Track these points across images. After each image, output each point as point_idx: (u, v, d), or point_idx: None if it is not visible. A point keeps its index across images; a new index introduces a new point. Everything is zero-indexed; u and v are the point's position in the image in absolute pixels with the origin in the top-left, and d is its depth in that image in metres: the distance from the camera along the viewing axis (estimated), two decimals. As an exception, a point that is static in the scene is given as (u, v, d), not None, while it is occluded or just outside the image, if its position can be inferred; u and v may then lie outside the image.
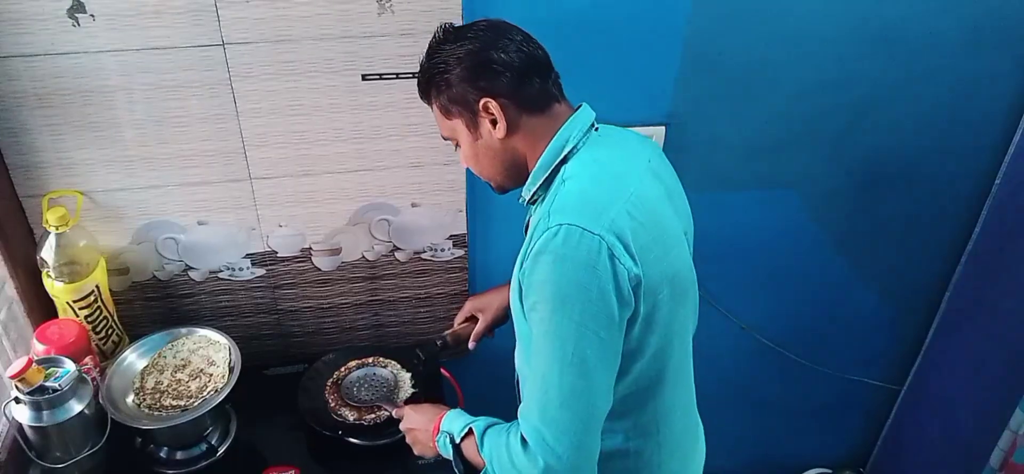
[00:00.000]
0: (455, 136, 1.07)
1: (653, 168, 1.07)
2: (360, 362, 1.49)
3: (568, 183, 1.00)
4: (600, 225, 0.92)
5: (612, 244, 0.92)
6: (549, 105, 1.04)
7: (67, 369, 1.22)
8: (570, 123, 1.04)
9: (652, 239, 0.97)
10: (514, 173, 1.07)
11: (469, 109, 1.02)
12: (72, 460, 1.24)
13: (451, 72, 1.02)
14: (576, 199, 0.97)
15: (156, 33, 1.21)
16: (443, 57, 1.02)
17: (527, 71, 1.02)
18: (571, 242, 0.92)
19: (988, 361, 1.69)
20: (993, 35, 1.46)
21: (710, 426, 2.06)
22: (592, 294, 0.92)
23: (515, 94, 1.01)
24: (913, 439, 1.98)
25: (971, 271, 1.74)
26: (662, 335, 1.02)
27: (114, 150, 1.30)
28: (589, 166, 1.01)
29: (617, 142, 1.08)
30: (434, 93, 1.05)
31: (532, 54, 1.03)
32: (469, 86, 1.01)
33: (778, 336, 1.86)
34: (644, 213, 0.97)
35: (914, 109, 1.54)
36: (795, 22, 1.40)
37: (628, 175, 1.01)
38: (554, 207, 0.97)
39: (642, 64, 1.41)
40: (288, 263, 1.49)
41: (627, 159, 1.05)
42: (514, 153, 1.05)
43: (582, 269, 0.92)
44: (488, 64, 1.00)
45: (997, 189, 1.64)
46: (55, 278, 1.31)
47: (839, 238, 1.73)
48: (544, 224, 0.95)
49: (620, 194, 0.97)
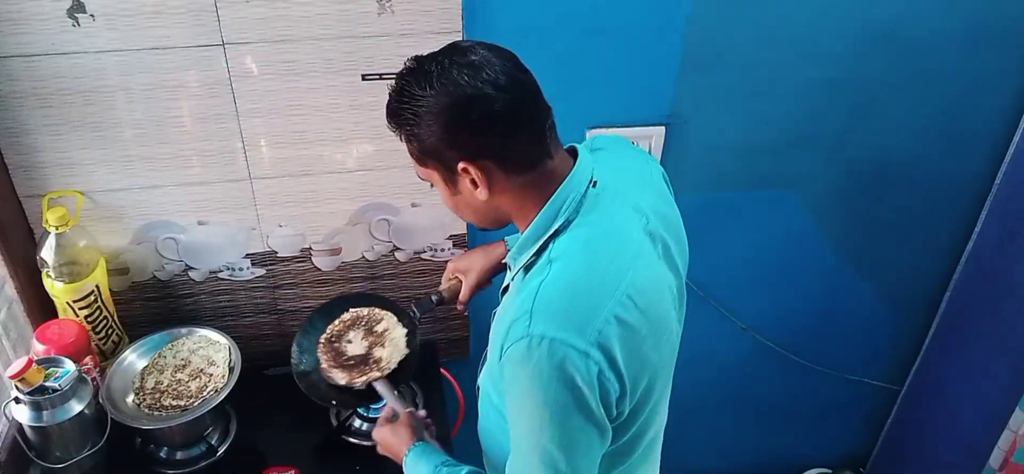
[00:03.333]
0: (431, 181, 0.97)
1: (653, 227, 0.97)
2: (355, 316, 1.41)
3: (554, 268, 0.90)
4: (587, 339, 0.84)
5: (600, 362, 0.85)
6: (540, 161, 0.92)
7: (67, 369, 1.22)
8: (564, 189, 0.93)
9: (643, 338, 0.90)
10: (498, 224, 0.99)
11: (446, 166, 0.92)
12: (72, 460, 1.24)
13: (423, 126, 0.89)
14: (562, 299, 0.87)
15: (156, 33, 1.21)
16: (414, 108, 0.89)
17: (514, 129, 0.90)
18: (556, 360, 0.84)
19: (988, 361, 1.69)
20: (993, 35, 1.46)
21: (710, 426, 2.07)
22: (577, 415, 0.86)
23: (499, 156, 0.90)
24: (913, 439, 1.98)
25: (971, 271, 1.74)
26: (643, 421, 0.98)
27: (114, 150, 1.30)
28: (580, 250, 0.91)
29: (616, 199, 0.97)
30: (405, 138, 0.94)
31: (520, 102, 0.89)
32: (444, 146, 0.89)
33: (778, 336, 1.86)
34: (636, 312, 0.88)
35: (914, 109, 1.54)
36: (795, 22, 1.40)
37: (623, 261, 0.91)
38: (538, 304, 0.87)
39: (642, 64, 1.41)
40: (288, 263, 1.49)
41: (625, 231, 0.95)
42: (497, 211, 0.96)
43: (567, 390, 0.85)
44: (466, 123, 0.87)
45: (997, 189, 1.64)
46: (55, 278, 1.31)
47: (839, 238, 1.73)
48: (525, 324, 0.86)
49: (611, 293, 0.87)
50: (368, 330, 1.38)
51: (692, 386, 1.94)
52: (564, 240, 0.93)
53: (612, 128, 1.46)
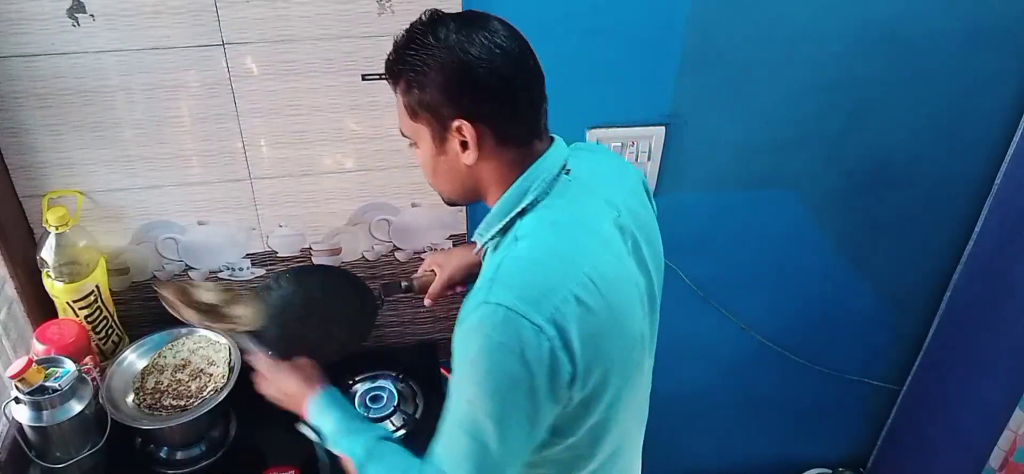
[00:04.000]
0: (416, 139, 0.96)
1: (623, 222, 0.97)
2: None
3: (520, 245, 0.90)
4: (542, 313, 0.83)
5: (552, 338, 0.83)
6: (528, 141, 0.93)
7: (67, 369, 1.22)
8: (535, 169, 0.93)
9: (602, 324, 0.88)
10: (470, 196, 0.98)
11: (440, 122, 0.91)
12: (72, 460, 1.24)
13: (428, 75, 0.89)
14: (523, 273, 0.87)
15: (156, 33, 1.21)
16: (422, 54, 0.89)
17: (516, 100, 0.90)
18: (509, 329, 0.83)
19: (988, 361, 1.69)
20: (993, 35, 1.46)
21: (710, 426, 2.07)
22: (521, 390, 0.84)
23: (494, 122, 0.90)
24: (913, 439, 1.98)
25: (971, 271, 1.74)
26: (602, 414, 0.95)
27: (114, 150, 1.30)
28: (546, 230, 0.91)
29: (588, 190, 0.97)
30: (404, 87, 0.93)
31: (525, 79, 0.91)
32: (445, 99, 0.89)
33: (778, 336, 1.86)
34: (596, 295, 0.87)
35: (914, 109, 1.54)
36: (795, 22, 1.40)
37: (588, 245, 0.91)
38: (499, 275, 0.87)
39: (642, 64, 1.41)
40: (288, 263, 1.49)
41: (593, 219, 0.94)
42: (476, 180, 0.95)
43: (516, 361, 0.83)
44: (472, 81, 0.88)
45: (997, 189, 1.64)
46: (55, 278, 1.31)
47: (839, 238, 1.73)
48: (483, 294, 0.85)
49: (572, 273, 0.87)
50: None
51: (692, 386, 1.95)
52: (530, 219, 0.93)
53: (612, 128, 1.47)
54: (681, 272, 1.69)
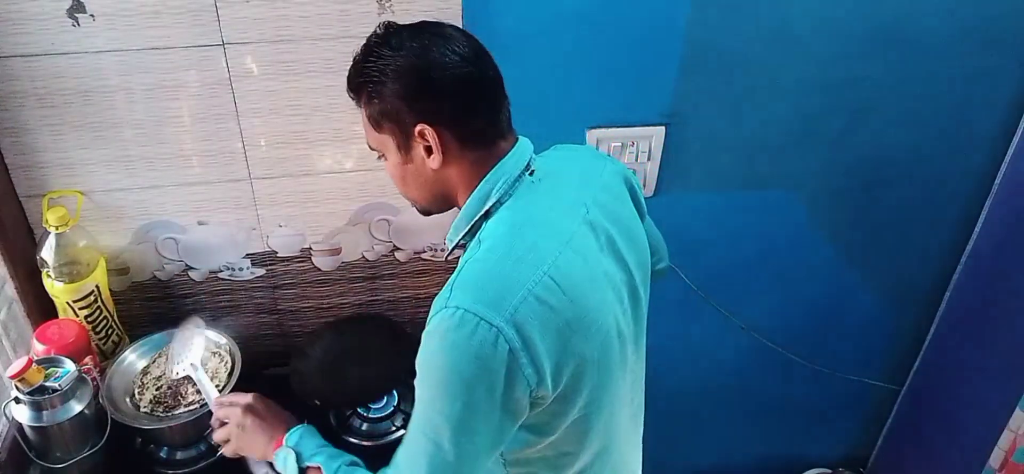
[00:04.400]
0: (383, 150, 0.97)
1: (593, 218, 0.96)
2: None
3: (482, 247, 0.90)
4: (501, 314, 0.83)
5: (512, 340, 0.83)
6: (492, 141, 0.94)
7: (67, 369, 1.22)
8: (497, 170, 0.93)
9: (567, 322, 0.87)
10: (441, 202, 0.99)
11: (402, 129, 0.92)
12: (72, 460, 1.24)
13: (386, 85, 0.90)
14: (482, 275, 0.87)
15: (156, 33, 1.21)
16: (379, 65, 0.91)
17: (474, 100, 0.91)
18: (465, 330, 0.82)
19: (988, 361, 1.69)
20: (993, 35, 1.46)
21: (710, 426, 2.07)
22: (478, 392, 0.84)
23: (455, 123, 0.91)
24: (913, 439, 1.98)
25: (971, 271, 1.74)
26: (582, 410, 0.94)
27: (114, 150, 1.30)
28: (507, 232, 0.91)
29: (552, 189, 0.96)
30: (365, 99, 0.94)
31: (483, 77, 0.92)
32: (405, 105, 0.90)
33: (778, 336, 1.86)
34: (558, 294, 0.87)
35: (914, 109, 1.54)
36: (795, 22, 1.40)
37: (549, 246, 0.89)
38: (459, 279, 0.87)
39: (642, 64, 1.41)
40: (288, 263, 1.49)
41: (556, 219, 0.94)
42: (445, 185, 0.96)
43: (471, 362, 0.83)
44: (430, 84, 0.89)
45: (997, 189, 1.64)
46: (55, 278, 1.31)
47: (839, 238, 1.72)
48: (444, 298, 0.86)
49: (531, 273, 0.86)
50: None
51: (692, 386, 1.95)
52: (493, 223, 0.93)
53: (612, 128, 1.47)
54: (681, 272, 1.69)
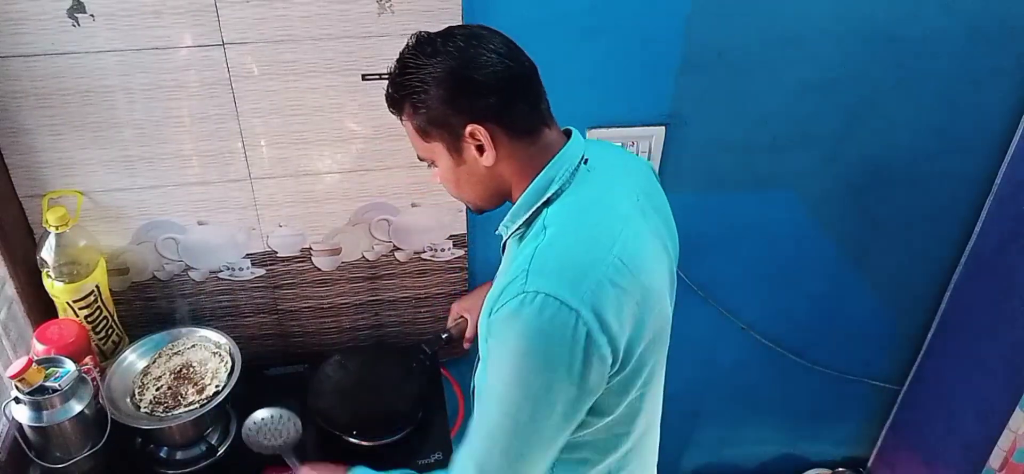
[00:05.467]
0: (433, 157, 0.99)
1: (642, 205, 1.00)
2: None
3: (549, 233, 0.92)
4: (580, 297, 0.85)
5: (590, 323, 0.85)
6: (539, 130, 0.96)
7: (67, 369, 1.22)
8: (558, 159, 0.96)
9: (636, 303, 0.90)
10: (497, 198, 1.01)
11: (452, 133, 0.94)
12: (72, 460, 1.24)
13: (429, 92, 0.92)
14: (557, 260, 0.89)
15: (156, 33, 1.21)
16: (420, 75, 0.92)
17: (515, 92, 0.93)
18: (546, 314, 0.85)
19: (988, 361, 1.69)
20: (993, 35, 1.46)
21: (710, 426, 2.07)
22: (560, 372, 0.86)
23: (503, 118, 0.93)
24: (913, 439, 1.98)
25: (971, 271, 1.74)
26: (639, 390, 0.97)
27: (114, 150, 1.30)
28: (573, 216, 0.93)
29: (606, 177, 1.00)
30: (410, 112, 0.96)
31: (520, 71, 0.94)
32: (452, 109, 0.92)
33: (778, 336, 1.86)
34: (628, 276, 0.89)
35: (914, 109, 1.54)
36: (795, 22, 1.40)
37: (614, 227, 0.93)
38: (534, 264, 0.89)
39: (642, 64, 1.41)
40: (288, 263, 1.49)
41: (615, 203, 0.97)
42: (499, 180, 0.97)
43: (555, 345, 0.86)
44: (472, 84, 0.91)
45: (997, 189, 1.64)
46: (55, 278, 1.31)
47: (839, 238, 1.73)
48: (520, 283, 0.87)
49: (604, 256, 0.89)
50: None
51: (692, 386, 1.95)
52: (557, 208, 0.95)
53: (612, 128, 1.47)
54: (681, 272, 1.68)
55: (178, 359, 1.37)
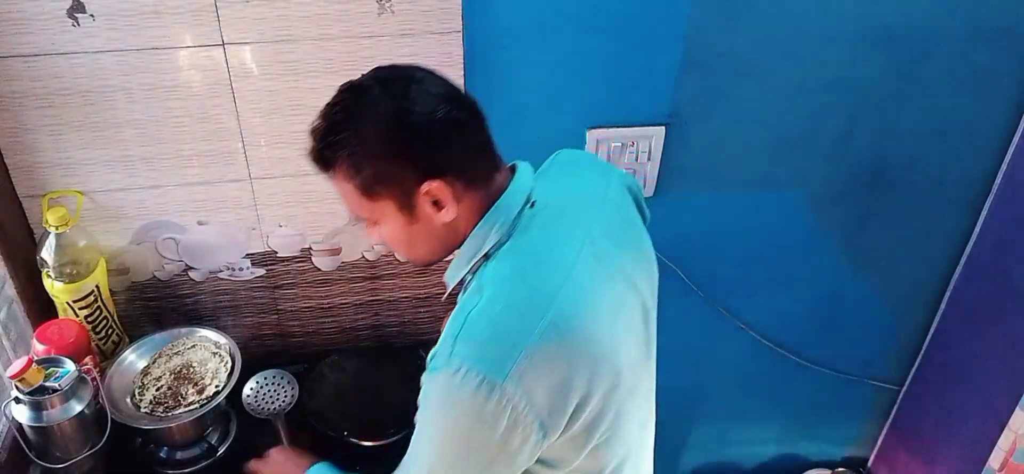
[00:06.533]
0: (378, 217, 0.89)
1: (597, 246, 0.92)
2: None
3: (484, 296, 0.85)
4: (505, 372, 0.79)
5: (515, 399, 0.80)
6: (492, 174, 0.89)
7: (67, 369, 1.22)
8: (495, 210, 0.88)
9: (575, 367, 0.84)
10: (449, 251, 0.94)
11: (403, 190, 0.85)
12: (72, 460, 1.24)
13: (370, 148, 0.83)
14: (486, 329, 0.83)
15: (156, 33, 1.21)
16: (357, 129, 0.83)
17: (467, 137, 0.86)
18: (468, 388, 0.79)
19: (988, 361, 1.69)
20: (993, 35, 1.46)
21: (710, 426, 2.07)
22: (483, 447, 0.82)
23: (462, 170, 0.85)
24: (913, 439, 1.98)
25: (971, 271, 1.74)
26: (604, 434, 0.91)
27: (114, 150, 1.30)
28: (509, 278, 0.86)
29: (554, 220, 0.92)
30: (347, 172, 0.85)
31: (466, 113, 0.86)
32: (404, 165, 0.83)
33: (778, 336, 1.86)
34: (563, 341, 0.83)
35: (914, 109, 1.54)
36: (795, 22, 1.40)
37: (553, 286, 0.85)
38: (463, 332, 0.83)
39: (642, 64, 1.41)
40: (288, 263, 1.49)
41: (559, 253, 0.89)
42: (455, 233, 0.90)
43: (477, 422, 0.81)
44: (420, 134, 0.83)
45: (997, 189, 1.64)
46: (55, 278, 1.31)
47: (839, 238, 1.73)
48: (447, 350, 0.82)
49: (537, 323, 0.82)
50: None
51: (692, 386, 1.95)
52: (494, 265, 0.88)
53: (612, 128, 1.47)
54: (681, 272, 1.69)
55: (178, 359, 1.37)
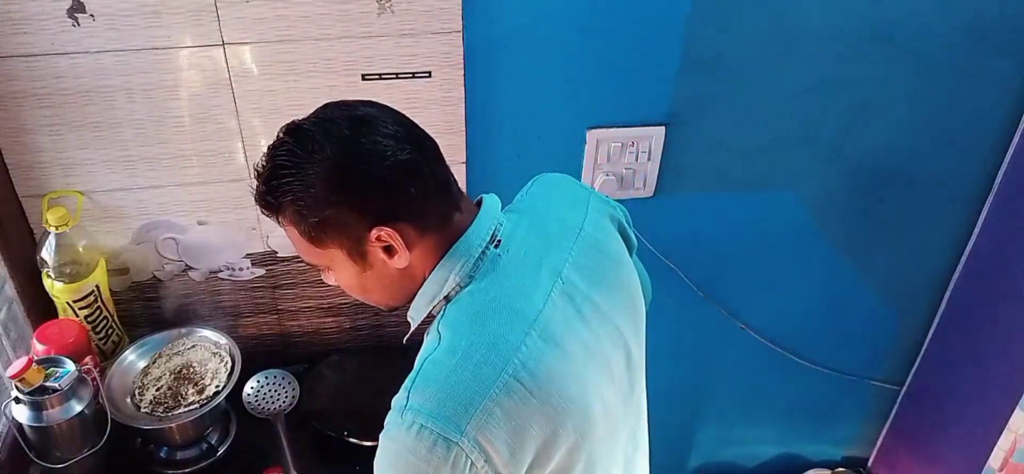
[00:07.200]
0: (328, 264, 0.86)
1: (570, 284, 0.87)
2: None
3: (443, 343, 0.81)
4: (461, 429, 0.75)
5: (473, 455, 0.75)
6: (451, 216, 0.85)
7: (67, 369, 1.22)
8: (455, 251, 0.84)
9: (538, 421, 0.80)
10: (410, 294, 0.89)
11: (352, 238, 0.81)
12: (72, 460, 1.24)
13: (317, 194, 0.78)
14: (442, 381, 0.78)
15: (156, 33, 1.21)
16: (302, 175, 0.79)
17: (421, 180, 0.81)
18: (423, 445, 0.75)
19: (988, 361, 1.69)
20: (993, 35, 1.46)
21: (710, 426, 2.07)
22: None
23: (415, 215, 0.81)
24: (913, 439, 1.98)
25: (971, 271, 1.74)
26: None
27: (114, 150, 1.30)
28: (469, 326, 0.81)
29: (521, 260, 0.87)
30: (293, 218, 0.82)
31: (421, 155, 0.81)
32: (351, 212, 0.79)
33: (778, 336, 1.86)
34: (525, 394, 0.78)
35: (914, 109, 1.54)
36: (795, 22, 1.40)
37: (516, 333, 0.80)
38: (419, 381, 0.79)
39: (642, 64, 1.41)
40: (288, 263, 1.49)
41: (524, 297, 0.84)
42: (412, 278, 0.86)
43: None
44: (368, 180, 0.78)
45: (997, 189, 1.64)
46: (55, 278, 1.31)
47: (839, 238, 1.72)
48: (403, 400, 0.78)
49: (498, 375, 0.78)
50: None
51: (692, 386, 1.95)
52: (454, 310, 0.84)
53: (612, 128, 1.47)
54: (681, 272, 1.69)
55: (178, 359, 1.37)
